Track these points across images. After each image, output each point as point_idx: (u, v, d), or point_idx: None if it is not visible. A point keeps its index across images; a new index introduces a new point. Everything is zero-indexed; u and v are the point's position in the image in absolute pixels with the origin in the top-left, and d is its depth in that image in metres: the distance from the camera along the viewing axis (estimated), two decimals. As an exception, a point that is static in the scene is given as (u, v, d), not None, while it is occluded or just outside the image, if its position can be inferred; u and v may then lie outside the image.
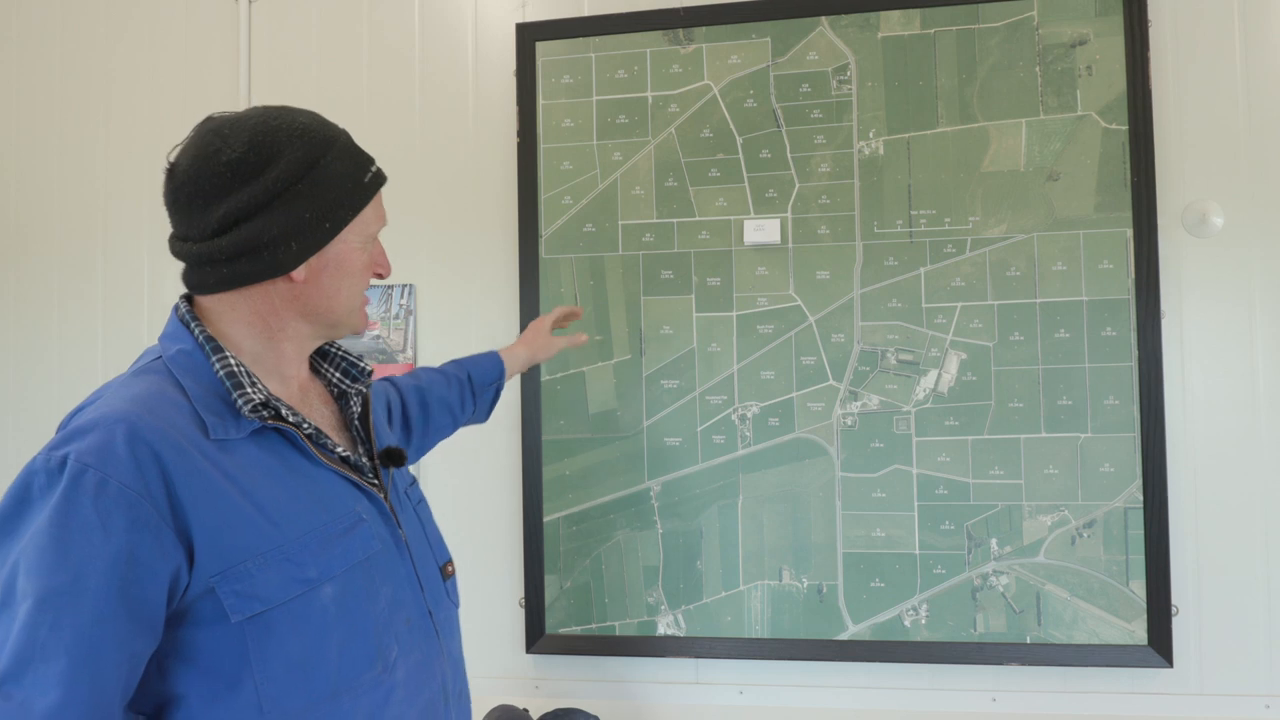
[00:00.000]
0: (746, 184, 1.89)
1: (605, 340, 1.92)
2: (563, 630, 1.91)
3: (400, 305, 2.02)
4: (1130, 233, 1.77)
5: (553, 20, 1.98)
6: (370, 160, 1.10)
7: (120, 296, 2.16)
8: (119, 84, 2.18)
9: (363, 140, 2.20)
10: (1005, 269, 1.80)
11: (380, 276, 1.14)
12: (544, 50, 1.97)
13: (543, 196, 1.95)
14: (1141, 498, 1.74)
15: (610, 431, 1.91)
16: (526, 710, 1.83)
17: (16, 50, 2.23)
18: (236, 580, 0.94)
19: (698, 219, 1.90)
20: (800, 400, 1.86)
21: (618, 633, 1.89)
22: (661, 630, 1.88)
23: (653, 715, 1.90)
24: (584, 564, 1.91)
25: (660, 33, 1.93)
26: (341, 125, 1.15)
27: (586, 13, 1.99)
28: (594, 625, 1.90)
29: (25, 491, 0.90)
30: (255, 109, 1.05)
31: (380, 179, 1.10)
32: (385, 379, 1.50)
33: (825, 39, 1.88)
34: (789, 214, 1.87)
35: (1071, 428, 1.77)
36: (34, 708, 0.85)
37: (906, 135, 1.84)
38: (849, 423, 1.84)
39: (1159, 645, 1.72)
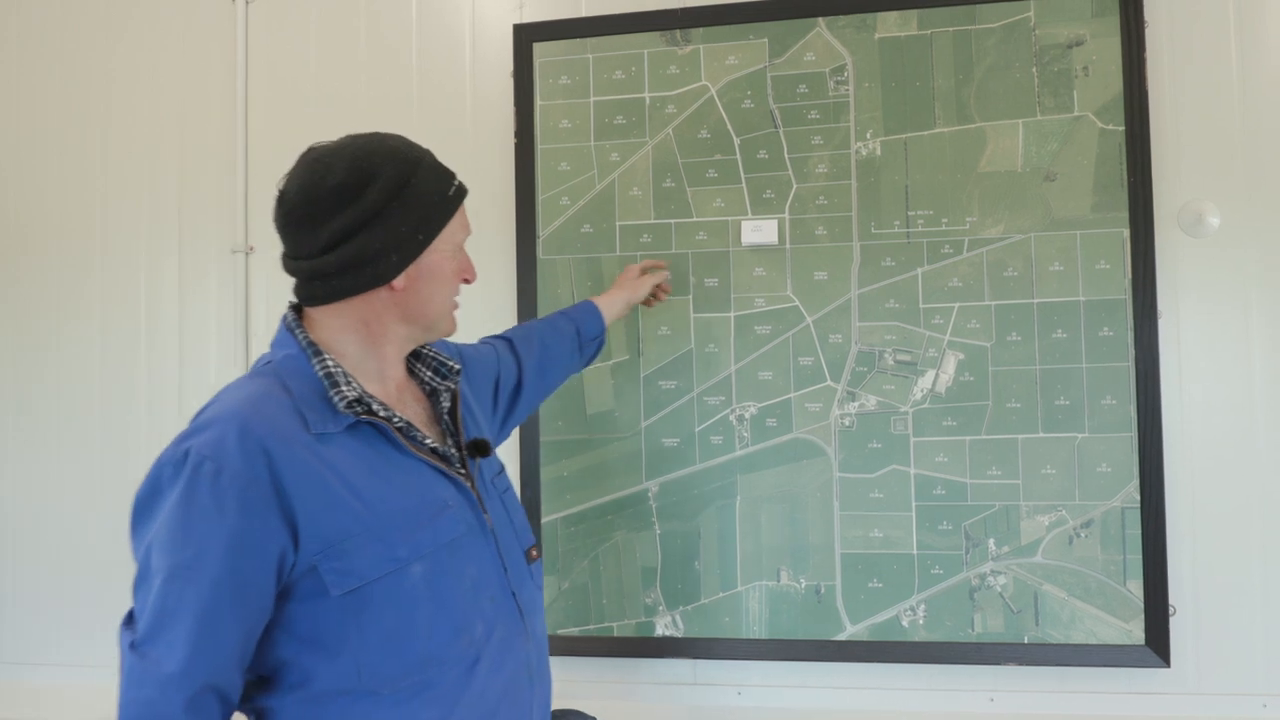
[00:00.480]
0: (744, 185, 1.89)
1: (603, 341, 1.92)
2: (561, 631, 1.91)
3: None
4: (1127, 233, 1.77)
5: (550, 21, 1.98)
6: (452, 175, 1.21)
7: (118, 297, 2.15)
8: (117, 84, 2.18)
9: (360, 141, 2.16)
10: (1002, 269, 1.81)
11: (468, 281, 1.25)
12: (541, 51, 1.97)
13: (540, 197, 1.95)
14: (1139, 497, 1.74)
15: (608, 432, 1.91)
16: (524, 711, 1.83)
17: (15, 50, 2.23)
18: (335, 558, 1.06)
19: (695, 220, 1.90)
20: (798, 401, 1.86)
21: (616, 633, 1.89)
22: (660, 631, 1.88)
23: (651, 716, 1.90)
24: (582, 565, 1.91)
25: (657, 34, 1.93)
26: (339, 125, 1.18)
27: (584, 13, 1.99)
28: (592, 626, 1.90)
29: (157, 482, 1.05)
30: (350, 137, 1.17)
31: (462, 192, 1.22)
32: (504, 339, 1.59)
33: (822, 40, 1.88)
34: (786, 215, 1.88)
35: (1069, 428, 1.77)
36: (164, 666, 1.00)
37: (903, 136, 1.84)
38: (847, 423, 1.84)
39: (1156, 645, 1.73)
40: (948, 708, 1.82)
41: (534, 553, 1.31)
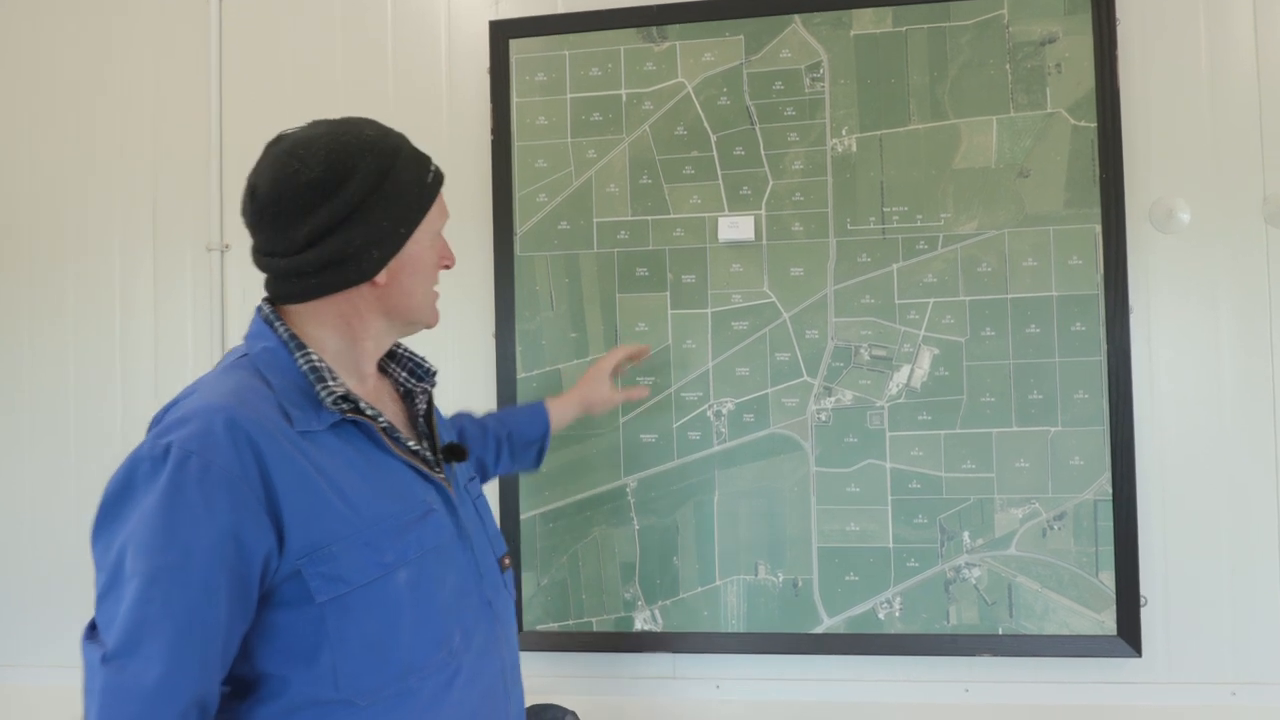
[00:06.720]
0: (720, 181, 1.90)
1: (580, 338, 1.92)
2: (540, 627, 1.91)
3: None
4: (1099, 229, 1.79)
5: (526, 18, 1.98)
6: (429, 160, 1.17)
7: (92, 296, 2.13)
8: (90, 82, 2.15)
9: (336, 138, 2.14)
10: (976, 265, 1.82)
11: (447, 267, 1.22)
12: (518, 47, 1.96)
13: (517, 194, 1.95)
14: (1110, 490, 1.77)
15: (586, 429, 1.92)
16: (504, 707, 1.84)
17: (-16, 47, 2.20)
18: (321, 563, 1.00)
19: (672, 216, 1.91)
20: (775, 396, 1.87)
21: (595, 629, 1.90)
22: (638, 626, 1.89)
23: (630, 710, 1.91)
24: (561, 561, 1.91)
25: (634, 30, 1.93)
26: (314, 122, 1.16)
27: (560, 10, 1.98)
28: (571, 621, 1.91)
29: (130, 478, 0.96)
30: (321, 125, 1.12)
31: (440, 178, 1.18)
32: None
33: (798, 37, 1.89)
34: (763, 211, 1.88)
35: (1042, 421, 1.79)
36: (146, 679, 0.91)
37: (879, 132, 1.85)
38: (823, 418, 1.85)
39: (1128, 635, 1.75)
40: (923, 699, 1.84)
41: (506, 561, 1.27)
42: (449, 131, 2.02)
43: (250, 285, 2.08)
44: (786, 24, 1.89)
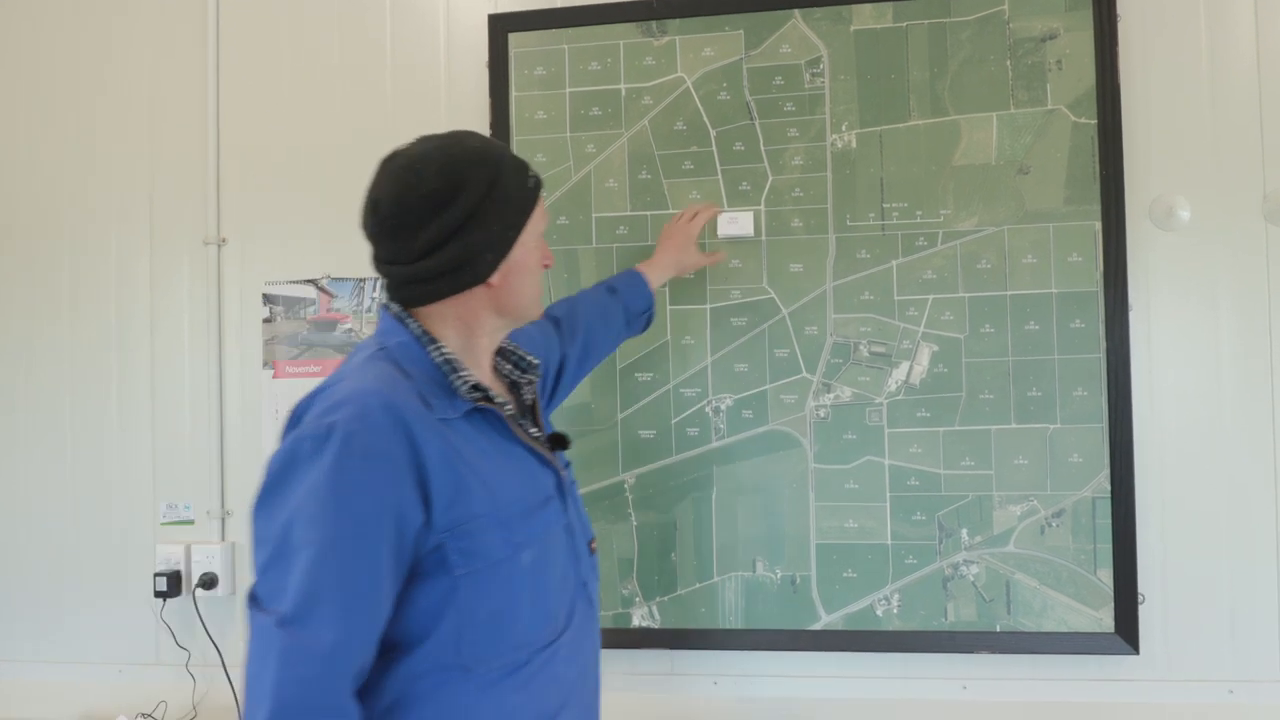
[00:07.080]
0: (720, 177, 1.89)
1: (579, 333, 1.92)
2: (538, 623, 1.91)
3: (373, 299, 2.01)
4: (1099, 226, 1.78)
5: (525, 11, 1.97)
6: (528, 166, 1.25)
7: (88, 291, 2.12)
8: (87, 74, 2.14)
9: (335, 130, 2.19)
10: (976, 261, 1.82)
11: (548, 267, 1.30)
12: (516, 41, 1.96)
13: (516, 189, 1.94)
14: (1109, 487, 1.76)
15: (585, 424, 1.91)
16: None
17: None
18: (462, 539, 1.09)
19: (671, 212, 1.90)
20: (773, 392, 1.86)
21: (593, 625, 1.90)
22: (636, 622, 1.89)
23: (628, 707, 1.90)
24: (559, 556, 1.91)
25: (634, 24, 1.92)
26: (312, 116, 1.17)
27: (559, 3, 1.98)
28: (569, 617, 1.90)
29: (292, 456, 1.04)
30: (430, 140, 1.22)
31: (539, 184, 1.26)
32: (549, 318, 1.59)
33: (798, 32, 1.88)
34: (762, 207, 1.88)
35: (1041, 418, 1.79)
36: (322, 642, 0.99)
37: (879, 128, 1.85)
38: (822, 414, 1.85)
39: (1126, 632, 1.75)
40: (921, 696, 1.84)
41: (593, 545, 1.34)
42: (447, 126, 1.96)
43: (247, 280, 2.07)
44: (786, 19, 1.88)
